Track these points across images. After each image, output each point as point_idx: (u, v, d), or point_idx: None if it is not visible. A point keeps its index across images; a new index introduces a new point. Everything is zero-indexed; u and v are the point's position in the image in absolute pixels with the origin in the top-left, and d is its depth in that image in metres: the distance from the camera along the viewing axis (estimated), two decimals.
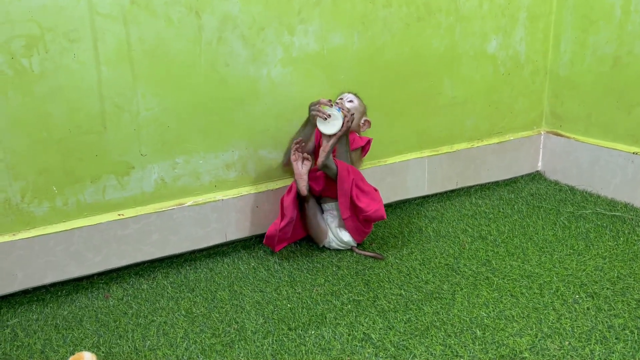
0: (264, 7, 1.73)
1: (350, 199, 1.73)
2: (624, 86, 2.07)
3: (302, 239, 1.93)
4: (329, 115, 1.70)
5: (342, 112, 1.72)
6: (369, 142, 1.89)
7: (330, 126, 1.71)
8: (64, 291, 1.65)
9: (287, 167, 1.90)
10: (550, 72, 2.36)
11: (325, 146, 1.70)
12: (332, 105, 1.73)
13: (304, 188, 1.74)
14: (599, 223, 1.93)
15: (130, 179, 1.68)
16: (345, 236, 1.82)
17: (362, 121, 1.88)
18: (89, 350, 1.35)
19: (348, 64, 1.93)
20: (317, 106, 1.73)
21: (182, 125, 1.71)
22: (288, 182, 1.91)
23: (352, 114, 1.75)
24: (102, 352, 1.36)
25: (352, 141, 1.84)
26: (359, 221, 1.77)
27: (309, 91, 1.88)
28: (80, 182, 1.62)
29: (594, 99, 2.20)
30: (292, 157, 1.75)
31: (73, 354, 1.32)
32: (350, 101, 1.87)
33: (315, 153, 1.85)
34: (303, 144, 1.79)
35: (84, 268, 1.67)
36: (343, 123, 1.71)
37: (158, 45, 1.62)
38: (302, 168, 1.75)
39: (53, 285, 1.67)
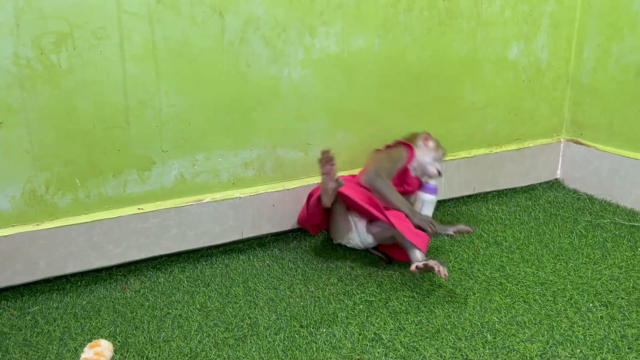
0: (287, 8, 1.76)
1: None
2: None
3: (317, 238, 1.94)
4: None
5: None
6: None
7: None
8: (84, 281, 1.70)
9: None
10: (572, 79, 2.34)
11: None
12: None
13: (327, 202, 1.70)
14: (616, 233, 1.91)
15: (151, 174, 1.72)
16: (370, 238, 1.81)
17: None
18: (105, 339, 1.39)
19: (368, 67, 1.95)
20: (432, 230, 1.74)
21: (203, 122, 1.75)
22: (304, 182, 1.94)
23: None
24: (119, 341, 1.40)
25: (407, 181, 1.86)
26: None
27: (329, 93, 1.90)
28: (102, 175, 1.67)
29: (617, 108, 2.18)
30: (324, 169, 1.65)
31: (90, 342, 1.35)
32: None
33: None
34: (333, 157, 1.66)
35: (103, 259, 1.71)
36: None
37: (182, 44, 1.66)
38: (329, 184, 1.66)
39: (73, 275, 1.71)
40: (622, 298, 1.51)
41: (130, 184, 1.71)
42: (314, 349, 1.35)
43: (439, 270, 1.50)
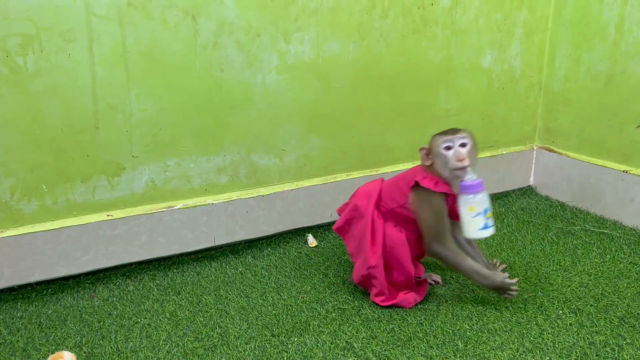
0: (261, 13, 1.75)
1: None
2: (617, 104, 2.09)
3: (291, 245, 1.93)
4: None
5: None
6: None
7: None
8: (50, 290, 1.65)
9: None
10: (545, 87, 2.37)
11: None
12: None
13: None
14: (586, 240, 1.94)
15: (120, 179, 1.69)
16: None
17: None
18: (70, 350, 1.35)
19: (343, 73, 1.94)
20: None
21: (174, 128, 1.72)
22: (278, 188, 1.92)
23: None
24: (84, 352, 1.36)
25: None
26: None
27: (304, 98, 1.89)
28: (70, 181, 1.63)
29: (587, 116, 2.21)
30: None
31: (53, 353, 1.31)
32: (464, 145, 1.55)
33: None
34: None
35: (71, 267, 1.67)
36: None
37: (153, 47, 1.63)
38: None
39: (39, 283, 1.67)
40: (591, 305, 1.53)
41: (99, 190, 1.67)
42: (285, 358, 1.33)
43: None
